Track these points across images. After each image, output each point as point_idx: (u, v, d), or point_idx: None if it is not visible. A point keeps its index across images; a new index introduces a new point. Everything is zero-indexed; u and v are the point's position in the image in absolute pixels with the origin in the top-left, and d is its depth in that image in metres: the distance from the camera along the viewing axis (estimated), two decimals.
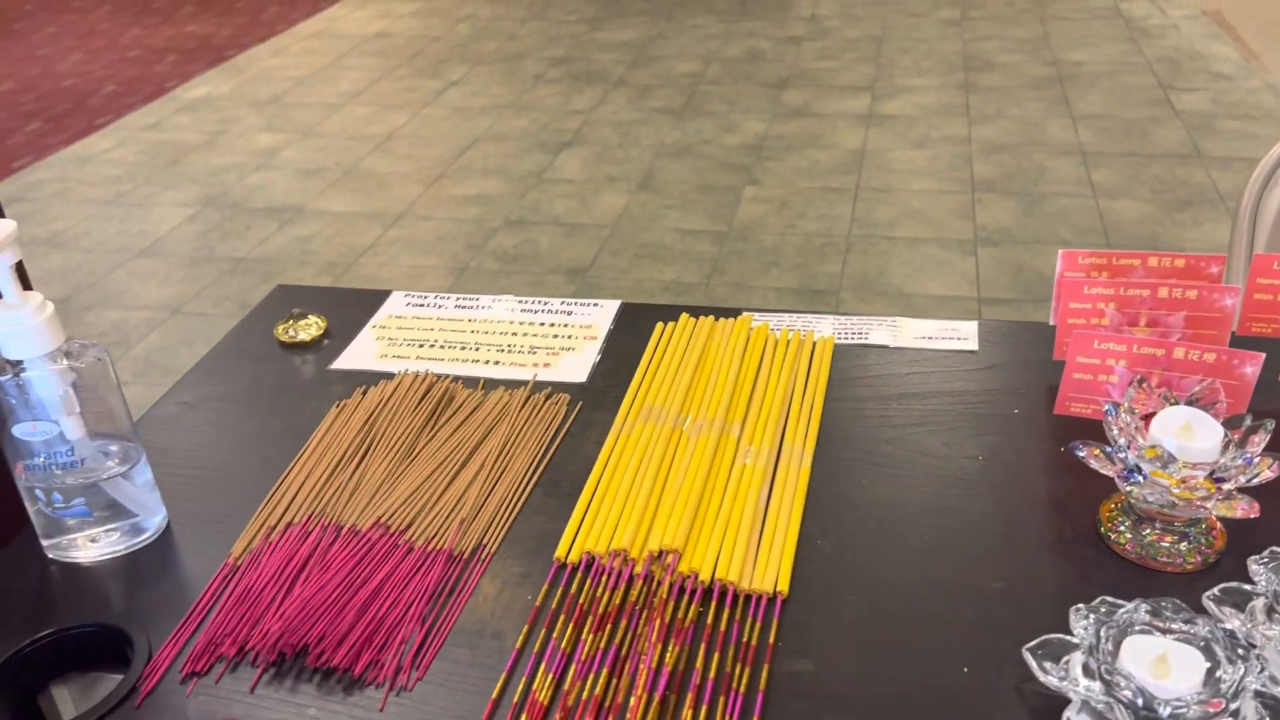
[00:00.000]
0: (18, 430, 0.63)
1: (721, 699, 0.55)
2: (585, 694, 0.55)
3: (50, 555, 0.68)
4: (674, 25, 4.38)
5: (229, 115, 3.72)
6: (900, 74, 3.68)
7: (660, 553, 0.63)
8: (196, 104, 3.86)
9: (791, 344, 0.84)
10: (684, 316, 0.88)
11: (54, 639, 0.61)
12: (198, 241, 2.83)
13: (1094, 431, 0.70)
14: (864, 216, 2.74)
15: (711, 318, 0.87)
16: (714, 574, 0.62)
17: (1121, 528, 0.64)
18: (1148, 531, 0.63)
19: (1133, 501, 0.63)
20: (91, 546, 0.68)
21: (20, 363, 0.62)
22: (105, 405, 0.66)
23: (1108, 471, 0.62)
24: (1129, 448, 0.61)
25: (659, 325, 0.88)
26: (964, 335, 0.85)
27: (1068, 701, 0.53)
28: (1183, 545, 0.62)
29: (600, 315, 0.91)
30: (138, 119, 3.75)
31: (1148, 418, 0.62)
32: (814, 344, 0.84)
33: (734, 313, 0.88)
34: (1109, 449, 0.62)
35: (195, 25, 4.85)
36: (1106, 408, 0.62)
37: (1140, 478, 0.60)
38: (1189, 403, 0.63)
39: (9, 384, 0.62)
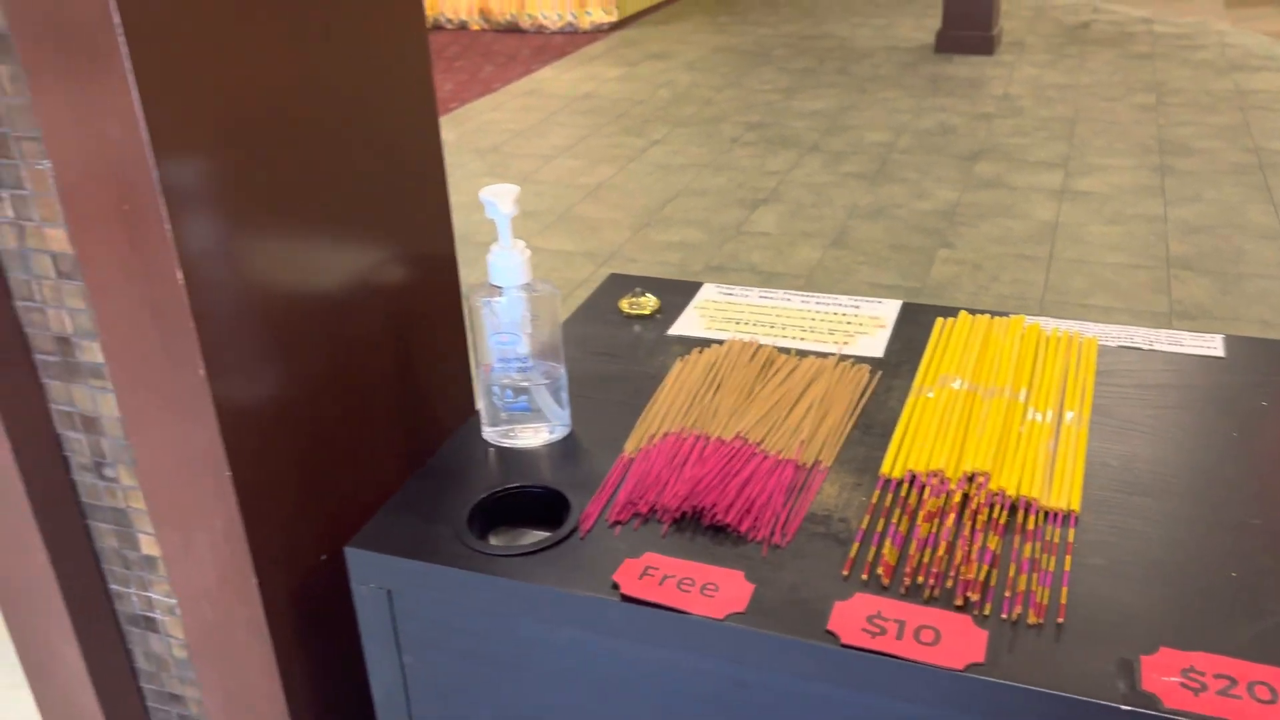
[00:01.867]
0: (492, 340, 0.85)
1: (1035, 575, 0.71)
2: (927, 559, 0.72)
3: (488, 440, 0.90)
4: (865, 98, 4.59)
5: (454, 160, 4.12)
6: (1093, 153, 3.76)
7: (972, 475, 0.80)
8: None
9: (1061, 340, 0.99)
10: (963, 313, 1.05)
11: (517, 490, 0.83)
12: None
13: None
14: (1057, 284, 2.83)
15: (989, 315, 1.04)
16: (1018, 491, 0.78)
17: None
18: None
19: None
20: (519, 437, 0.89)
21: (500, 288, 0.84)
22: (546, 332, 0.88)
23: None
24: None
25: (939, 320, 1.05)
26: (1212, 344, 0.99)
27: None
28: None
29: (885, 310, 1.09)
30: None
31: None
32: (1080, 343, 1.00)
33: (1003, 314, 1.04)
34: None
35: None
36: None
37: None
38: None
39: (490, 303, 0.85)
